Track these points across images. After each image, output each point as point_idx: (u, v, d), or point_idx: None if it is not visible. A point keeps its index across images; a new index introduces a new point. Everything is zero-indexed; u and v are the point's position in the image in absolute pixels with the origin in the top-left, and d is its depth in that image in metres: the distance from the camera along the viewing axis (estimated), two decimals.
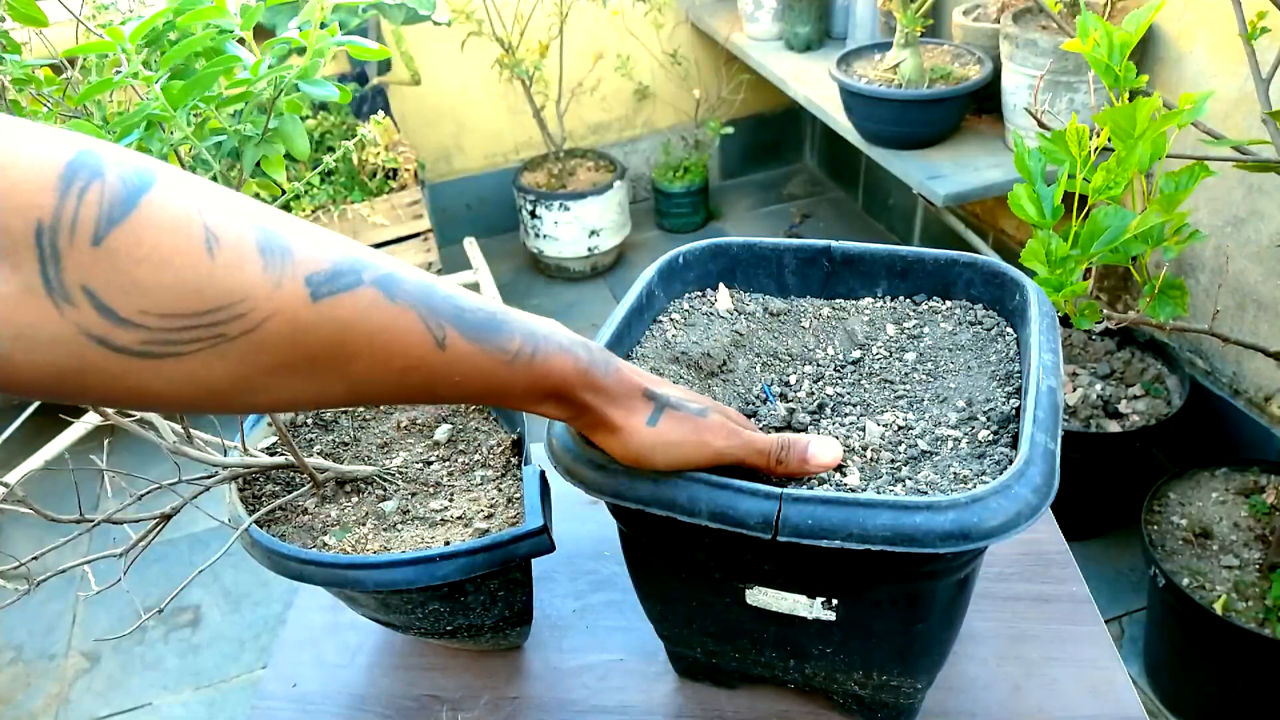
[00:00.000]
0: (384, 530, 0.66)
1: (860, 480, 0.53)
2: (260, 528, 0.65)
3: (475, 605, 0.66)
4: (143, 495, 0.66)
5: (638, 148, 2.85)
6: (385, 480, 0.71)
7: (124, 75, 0.52)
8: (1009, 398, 0.57)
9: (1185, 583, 1.34)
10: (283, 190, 0.62)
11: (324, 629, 0.78)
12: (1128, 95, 0.77)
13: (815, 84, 2.14)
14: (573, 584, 0.79)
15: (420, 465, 0.73)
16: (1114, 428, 1.61)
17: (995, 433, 0.55)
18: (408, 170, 2.16)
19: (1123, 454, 1.61)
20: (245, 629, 1.75)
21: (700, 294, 0.70)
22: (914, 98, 1.76)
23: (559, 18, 2.35)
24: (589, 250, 2.56)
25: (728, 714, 0.68)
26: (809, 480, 0.53)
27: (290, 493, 0.69)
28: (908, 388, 0.61)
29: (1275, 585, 1.29)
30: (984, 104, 1.86)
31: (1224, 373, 1.68)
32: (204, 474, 0.67)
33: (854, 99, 1.85)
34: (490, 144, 2.72)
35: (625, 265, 2.69)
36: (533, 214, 2.53)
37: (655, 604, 0.64)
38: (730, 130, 2.66)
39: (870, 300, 0.69)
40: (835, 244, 0.68)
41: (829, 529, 0.46)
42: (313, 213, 2.07)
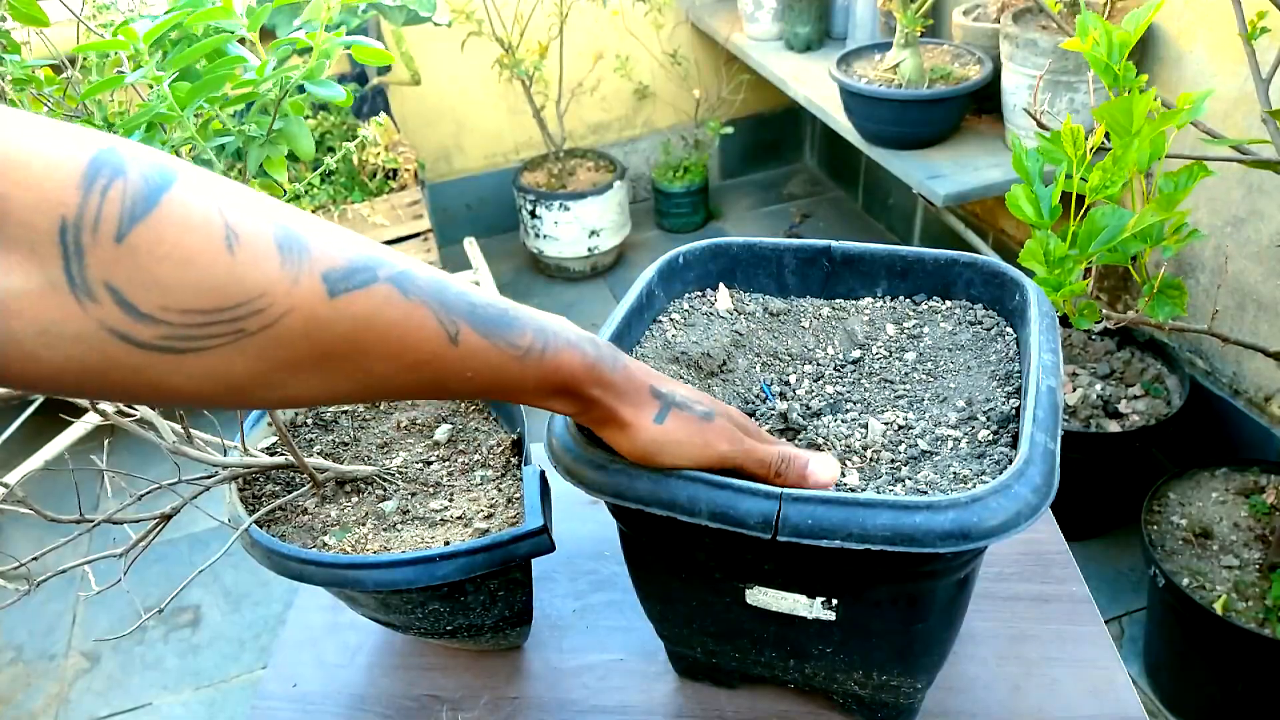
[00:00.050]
0: (384, 530, 0.66)
1: (860, 480, 0.53)
2: (260, 528, 0.65)
3: (475, 605, 0.66)
4: (143, 495, 0.66)
5: (638, 148, 2.85)
6: (385, 480, 0.71)
7: (139, 75, 0.52)
8: (1009, 398, 0.57)
9: (1185, 583, 1.34)
10: (284, 191, 0.62)
11: (324, 629, 0.78)
12: (1127, 95, 0.77)
13: (815, 84, 2.14)
14: (573, 584, 0.79)
15: (420, 465, 0.73)
16: (1114, 428, 1.61)
17: (995, 432, 0.55)
18: (408, 170, 2.16)
19: (1123, 454, 1.61)
20: (245, 629, 1.75)
21: (700, 294, 0.70)
22: (914, 98, 1.76)
23: (559, 18, 2.35)
24: (589, 250, 2.56)
25: (728, 714, 0.68)
26: None
27: (290, 493, 0.70)
28: (908, 387, 0.61)
29: (1275, 585, 1.29)
30: (984, 104, 1.86)
31: (1224, 373, 1.68)
32: (204, 474, 0.67)
33: (854, 99, 1.85)
34: (490, 144, 2.72)
35: (625, 265, 2.69)
36: (533, 214, 2.53)
37: (655, 604, 0.64)
38: (730, 130, 2.66)
39: (870, 300, 0.69)
40: (835, 244, 0.68)
41: (829, 529, 0.47)
42: (313, 213, 2.06)
